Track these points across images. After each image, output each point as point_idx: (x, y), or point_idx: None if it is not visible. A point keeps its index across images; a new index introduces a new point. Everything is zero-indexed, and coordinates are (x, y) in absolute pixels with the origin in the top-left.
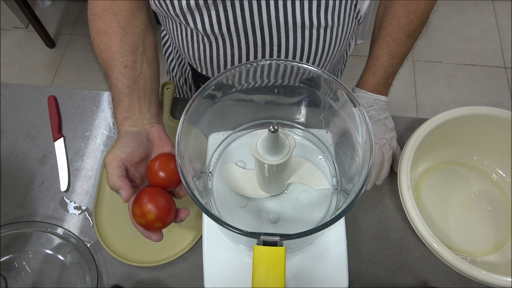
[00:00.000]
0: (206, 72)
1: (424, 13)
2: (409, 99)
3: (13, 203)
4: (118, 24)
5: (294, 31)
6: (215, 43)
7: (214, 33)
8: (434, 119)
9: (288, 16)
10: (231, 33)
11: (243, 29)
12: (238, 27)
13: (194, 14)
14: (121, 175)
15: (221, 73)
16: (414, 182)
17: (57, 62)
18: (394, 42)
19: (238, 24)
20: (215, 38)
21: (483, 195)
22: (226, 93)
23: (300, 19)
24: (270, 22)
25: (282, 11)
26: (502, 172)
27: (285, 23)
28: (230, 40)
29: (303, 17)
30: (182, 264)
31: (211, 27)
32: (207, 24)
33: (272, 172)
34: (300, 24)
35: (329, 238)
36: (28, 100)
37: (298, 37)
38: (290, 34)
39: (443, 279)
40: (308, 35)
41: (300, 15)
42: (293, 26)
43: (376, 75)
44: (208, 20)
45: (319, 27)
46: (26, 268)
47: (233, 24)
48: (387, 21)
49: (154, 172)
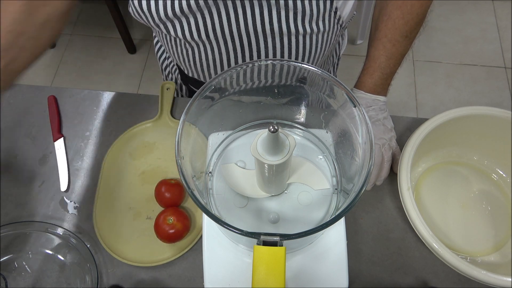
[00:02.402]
0: (193, 74)
1: (419, 14)
2: (409, 99)
3: (13, 203)
4: None
5: (273, 38)
6: (196, 48)
7: (194, 39)
8: (434, 119)
9: (265, 24)
10: (210, 39)
11: (221, 35)
12: (216, 34)
13: (173, 22)
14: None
15: (221, 73)
16: (414, 182)
17: (57, 62)
18: (391, 43)
19: (217, 31)
20: (196, 44)
21: (483, 195)
22: (226, 93)
23: (278, 26)
24: (248, 30)
25: (259, 20)
26: (502, 172)
27: (262, 31)
28: (210, 45)
29: (280, 25)
30: (182, 264)
31: (190, 34)
32: (186, 32)
33: (272, 172)
34: (277, 32)
35: (329, 238)
36: (28, 100)
37: (277, 43)
38: (269, 41)
39: (443, 279)
40: (287, 41)
41: (278, 23)
42: (271, 34)
43: (374, 76)
44: (188, 28)
45: (298, 34)
46: (26, 268)
47: (211, 31)
48: (383, 23)
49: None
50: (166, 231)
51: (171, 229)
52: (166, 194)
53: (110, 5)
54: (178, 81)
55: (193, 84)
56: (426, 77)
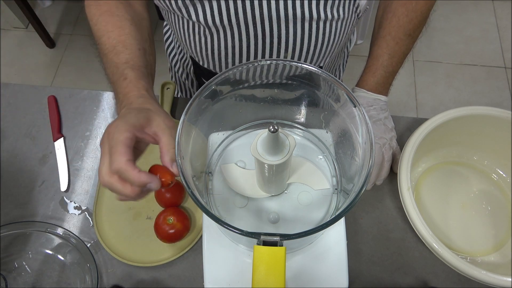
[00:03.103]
0: (208, 65)
1: (423, 12)
2: (409, 99)
3: (13, 203)
4: (126, 11)
5: (294, 24)
6: (216, 35)
7: (215, 24)
8: (434, 119)
9: (288, 9)
10: (232, 24)
11: (243, 21)
12: (239, 19)
13: (196, 6)
14: (132, 159)
15: (221, 73)
16: (414, 182)
17: (57, 62)
18: (394, 41)
19: (239, 16)
20: (216, 30)
21: (483, 195)
22: (226, 93)
23: (300, 12)
24: (271, 14)
25: (282, 4)
26: (502, 172)
27: (285, 15)
28: (231, 31)
29: (303, 10)
30: (182, 264)
31: (212, 18)
32: (208, 16)
33: (272, 172)
34: (300, 17)
35: (329, 238)
36: (28, 100)
37: (298, 29)
38: (290, 27)
39: (443, 279)
40: (308, 27)
41: (300, 7)
42: (293, 19)
43: (376, 75)
44: (210, 12)
45: (319, 20)
46: (26, 268)
47: (233, 16)
48: (387, 20)
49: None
50: (166, 231)
51: (171, 229)
52: (166, 194)
53: None
54: (190, 76)
55: (206, 76)
56: (426, 77)
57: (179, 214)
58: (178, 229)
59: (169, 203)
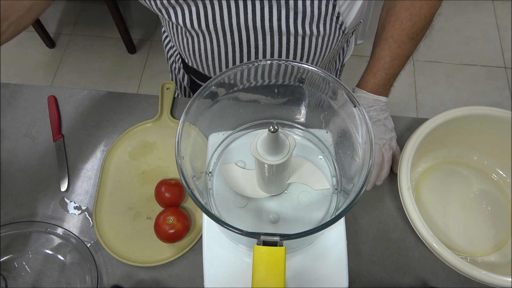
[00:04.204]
0: (192, 64)
1: (427, 16)
2: (409, 99)
3: (13, 203)
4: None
5: (272, 36)
6: (196, 38)
7: (194, 28)
8: (434, 119)
9: (264, 21)
10: (210, 30)
11: (221, 28)
12: (216, 26)
13: (175, 8)
14: None
15: (221, 73)
16: (414, 182)
17: (57, 62)
18: (396, 44)
19: (216, 23)
20: (196, 34)
21: (483, 195)
22: (226, 93)
23: (277, 26)
24: (247, 24)
25: (259, 16)
26: (502, 172)
27: (262, 27)
28: (209, 36)
29: (280, 24)
30: (182, 264)
31: (191, 22)
32: (187, 20)
33: (272, 172)
34: (277, 31)
35: (329, 238)
36: (28, 100)
37: (275, 42)
38: (267, 39)
39: (443, 279)
40: (286, 41)
41: (277, 21)
42: (270, 32)
43: (377, 76)
44: (189, 16)
45: (297, 35)
46: (26, 268)
47: (211, 22)
48: (390, 23)
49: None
50: (166, 231)
51: (171, 229)
52: (166, 194)
53: (110, 5)
54: (181, 70)
55: (194, 74)
56: (426, 77)
57: (179, 214)
58: (178, 229)
59: (169, 203)
